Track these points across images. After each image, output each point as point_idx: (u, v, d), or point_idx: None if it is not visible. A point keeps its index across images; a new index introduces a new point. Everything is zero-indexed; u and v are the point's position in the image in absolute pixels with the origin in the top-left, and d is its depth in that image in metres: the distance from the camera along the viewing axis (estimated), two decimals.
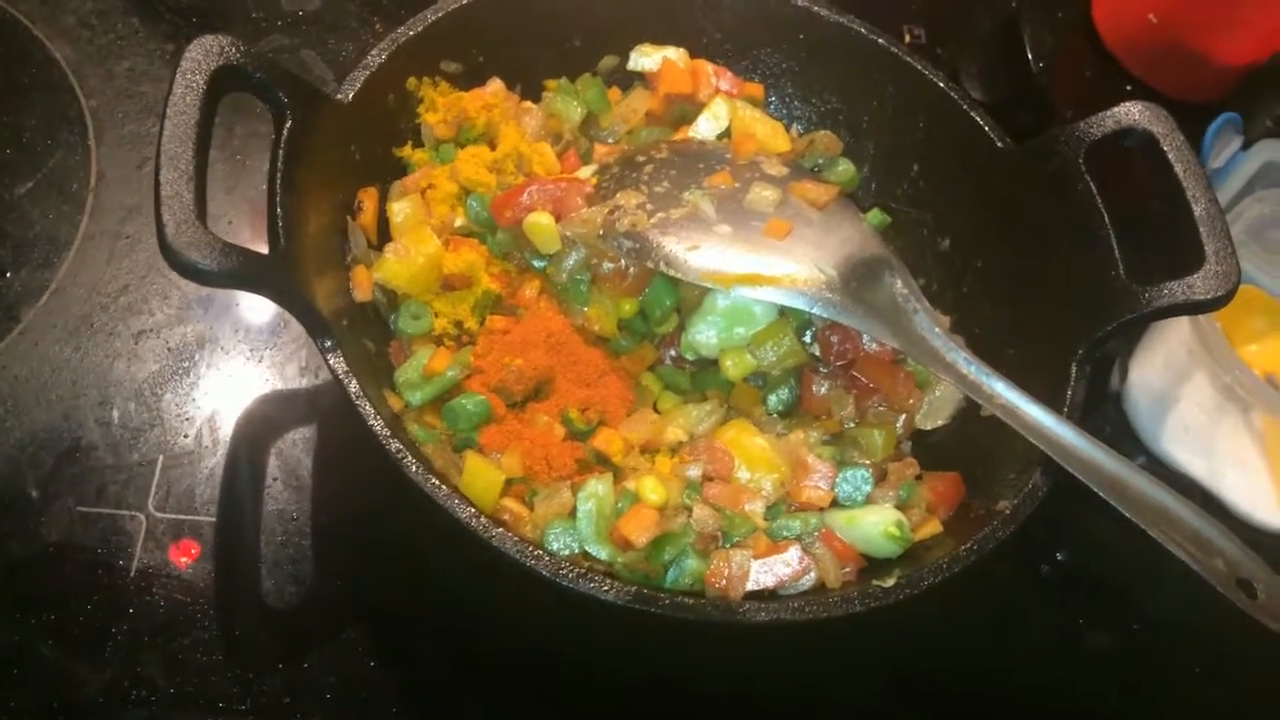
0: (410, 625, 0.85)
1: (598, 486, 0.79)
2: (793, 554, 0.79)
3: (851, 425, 0.90)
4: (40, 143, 1.04)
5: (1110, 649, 0.95)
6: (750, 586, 0.77)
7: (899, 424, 0.91)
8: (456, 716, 0.84)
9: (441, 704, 0.84)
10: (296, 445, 0.92)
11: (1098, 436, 1.02)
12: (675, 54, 1.03)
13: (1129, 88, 1.28)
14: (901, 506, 0.84)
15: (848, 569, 0.80)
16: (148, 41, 1.12)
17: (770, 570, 0.78)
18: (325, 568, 0.87)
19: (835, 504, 0.84)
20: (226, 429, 0.92)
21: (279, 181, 0.77)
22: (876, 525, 0.80)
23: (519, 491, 0.81)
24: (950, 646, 0.92)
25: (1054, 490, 0.81)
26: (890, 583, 0.75)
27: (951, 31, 1.29)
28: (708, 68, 1.03)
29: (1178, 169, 0.86)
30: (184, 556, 0.85)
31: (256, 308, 0.98)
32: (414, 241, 0.86)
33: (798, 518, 0.82)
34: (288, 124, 0.79)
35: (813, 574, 0.79)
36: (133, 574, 0.84)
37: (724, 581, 0.76)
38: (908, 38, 1.27)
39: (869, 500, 0.84)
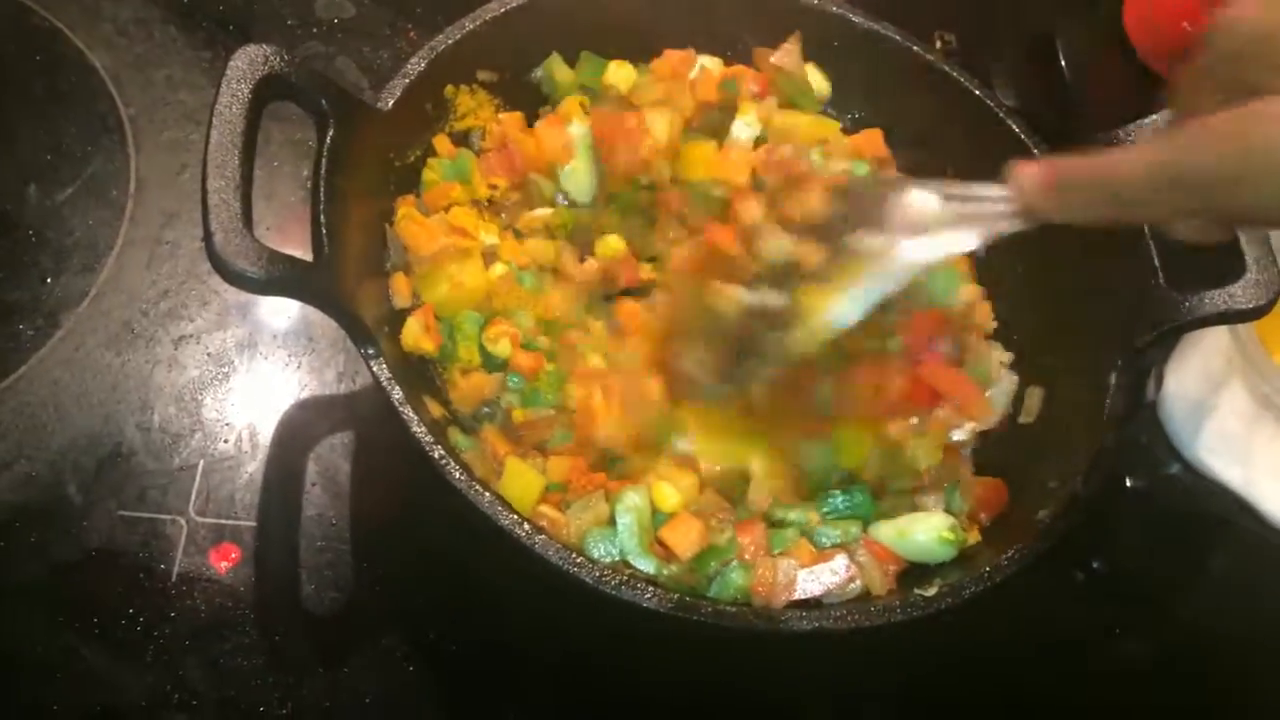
0: (450, 632, 0.85)
1: (635, 498, 0.79)
2: (839, 562, 0.79)
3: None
4: (80, 149, 1.05)
5: (1145, 658, 0.95)
6: (797, 595, 0.77)
7: (962, 431, 0.91)
8: None
9: (481, 711, 0.84)
10: (335, 450, 0.92)
11: (1133, 445, 1.04)
12: (711, 63, 1.04)
13: (1163, 95, 1.27)
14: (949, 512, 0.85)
15: (890, 571, 0.81)
16: (185, 49, 1.13)
17: (817, 579, 0.78)
18: (364, 573, 0.87)
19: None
20: (266, 434, 0.92)
21: (322, 189, 0.78)
22: (930, 532, 0.81)
23: (555, 499, 0.81)
24: (983, 653, 0.91)
25: (1093, 498, 0.81)
26: (932, 591, 0.75)
27: (984, 38, 1.29)
28: (744, 74, 1.03)
29: None
30: (224, 561, 0.86)
31: (294, 314, 0.98)
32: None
33: (839, 525, 0.82)
34: (330, 132, 0.80)
35: (858, 582, 0.80)
36: (174, 578, 0.85)
37: (770, 591, 0.77)
38: (939, 44, 1.26)
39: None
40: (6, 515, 0.85)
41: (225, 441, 0.91)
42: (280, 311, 0.99)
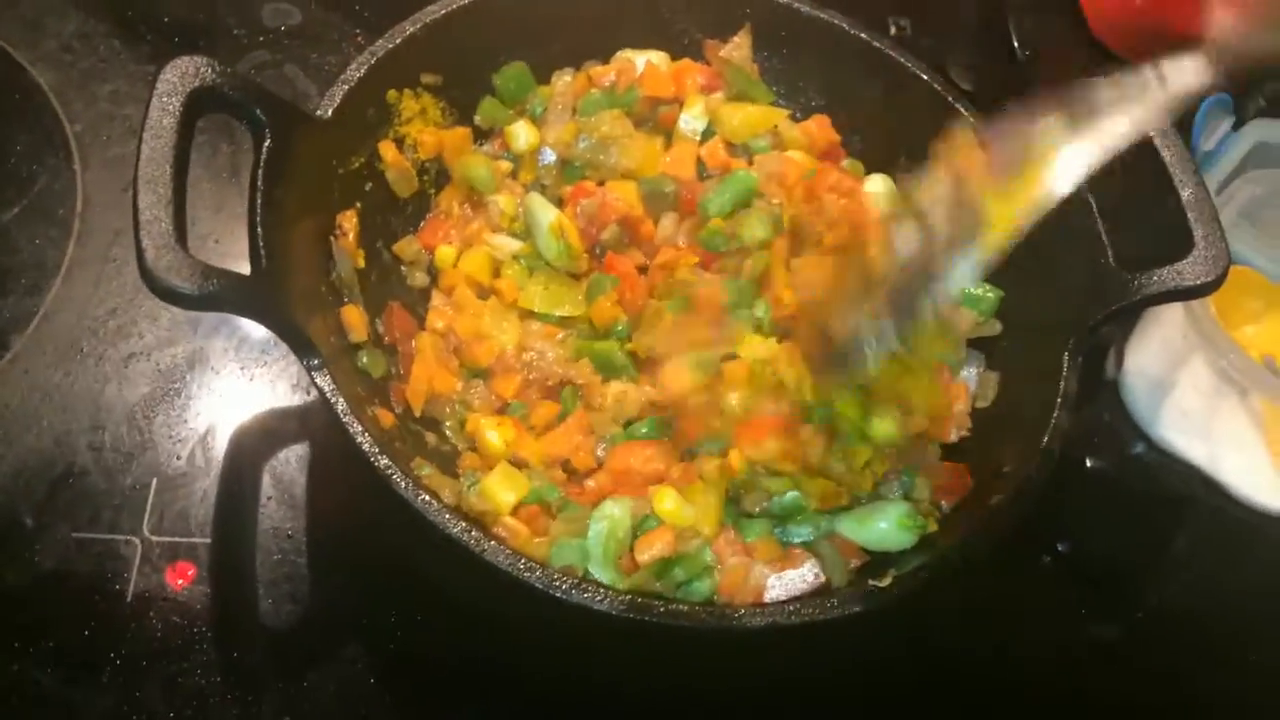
0: (410, 642, 0.85)
1: (613, 508, 0.79)
2: (809, 568, 0.79)
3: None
4: (25, 168, 1.03)
5: (1114, 639, 0.95)
6: (765, 600, 0.77)
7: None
8: None
9: (442, 719, 0.83)
10: (290, 463, 0.91)
11: (1095, 424, 1.04)
12: (657, 57, 1.03)
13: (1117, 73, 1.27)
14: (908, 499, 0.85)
15: (852, 566, 0.80)
16: (129, 64, 1.12)
17: (786, 584, 0.79)
18: (322, 585, 0.86)
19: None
20: (219, 449, 0.91)
21: (259, 201, 0.77)
22: (890, 519, 0.80)
23: (529, 514, 0.81)
24: (951, 640, 0.91)
25: (1053, 481, 0.81)
26: (886, 582, 0.75)
27: (937, 22, 1.28)
28: (692, 69, 1.03)
29: (1164, 155, 0.85)
30: (180, 579, 0.85)
31: (246, 327, 0.97)
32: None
33: (807, 522, 0.82)
34: (266, 142, 0.79)
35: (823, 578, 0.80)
36: (129, 598, 0.84)
37: (737, 594, 0.77)
38: (894, 30, 1.26)
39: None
40: None
41: (178, 458, 0.90)
42: (232, 325, 0.98)
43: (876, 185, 1.01)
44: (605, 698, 0.85)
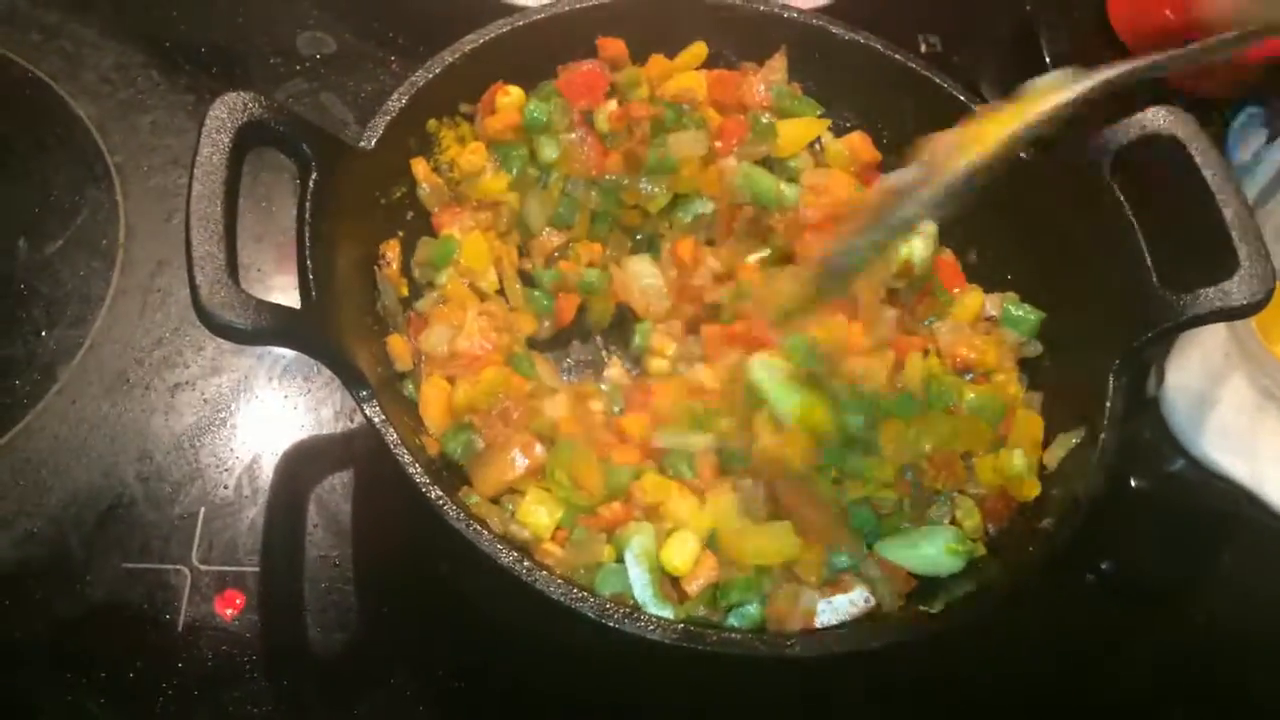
0: (458, 669, 0.85)
1: (643, 541, 0.78)
2: (859, 594, 0.78)
3: None
4: (68, 200, 1.05)
5: (1158, 658, 0.94)
6: (816, 625, 0.77)
7: None
8: None
9: None
10: (335, 491, 0.92)
11: (1137, 442, 1.03)
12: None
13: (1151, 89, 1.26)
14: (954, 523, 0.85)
15: (899, 593, 0.80)
16: (169, 94, 1.13)
17: (836, 610, 0.78)
18: (370, 613, 0.87)
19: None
20: (265, 477, 0.92)
21: (307, 235, 0.78)
22: (937, 544, 0.80)
23: (560, 537, 0.81)
24: (995, 658, 0.91)
25: (1098, 499, 0.81)
26: (937, 608, 0.75)
27: (967, 38, 1.28)
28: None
29: (1206, 173, 0.85)
30: (229, 608, 0.86)
31: (289, 355, 0.98)
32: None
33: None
34: (313, 176, 0.80)
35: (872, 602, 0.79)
36: (180, 628, 0.84)
37: (786, 620, 0.76)
38: (924, 47, 1.26)
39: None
40: (9, 572, 0.86)
41: (225, 487, 0.91)
42: (275, 354, 0.99)
43: None
44: (652, 717, 0.85)
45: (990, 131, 0.75)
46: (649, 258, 1.00)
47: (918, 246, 0.96)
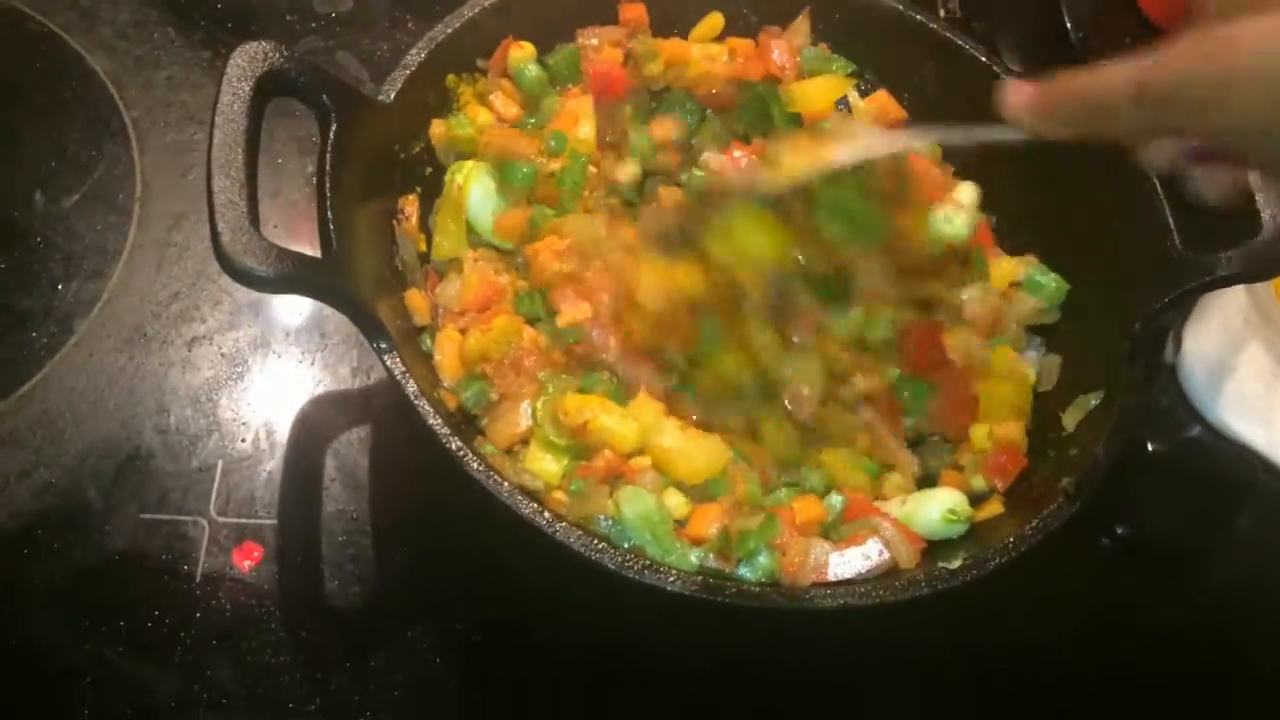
0: (475, 621, 0.86)
1: (635, 507, 0.78)
2: (872, 546, 0.78)
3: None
4: (84, 155, 1.05)
5: (1174, 622, 0.94)
6: (829, 578, 0.77)
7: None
8: (524, 710, 0.84)
9: (510, 699, 0.84)
10: (352, 445, 0.92)
11: (1154, 407, 1.03)
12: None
13: None
14: (957, 476, 0.85)
15: (916, 550, 0.80)
16: (184, 50, 1.13)
17: (848, 563, 0.78)
18: (387, 566, 0.87)
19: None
20: (283, 432, 0.92)
21: (328, 185, 0.78)
22: (935, 509, 0.80)
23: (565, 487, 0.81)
24: (1008, 622, 0.91)
25: (1117, 460, 0.80)
26: (956, 564, 0.74)
27: (986, 3, 1.27)
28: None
29: None
30: (247, 560, 0.86)
31: (306, 311, 0.98)
32: None
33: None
34: (333, 127, 0.79)
35: (886, 555, 0.79)
36: (198, 579, 0.85)
37: (799, 572, 0.76)
38: (943, 12, 1.25)
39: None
40: (28, 522, 0.86)
41: (243, 441, 0.91)
42: (292, 309, 0.99)
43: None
44: (670, 673, 0.86)
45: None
46: None
47: (959, 222, 0.94)
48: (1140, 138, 0.65)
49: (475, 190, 0.90)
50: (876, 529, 0.80)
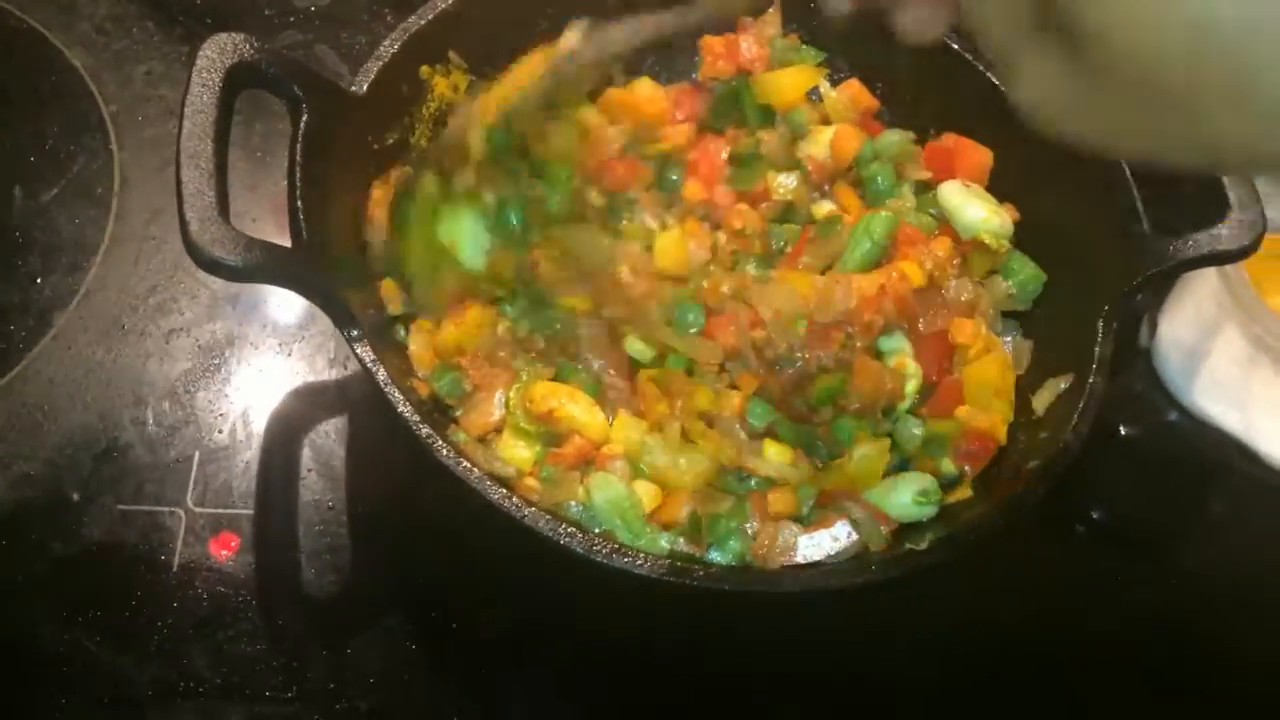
0: (451, 609, 0.86)
1: (605, 495, 0.79)
2: (840, 528, 0.79)
3: None
4: (63, 149, 1.05)
5: (1151, 606, 0.95)
6: (798, 560, 0.78)
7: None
8: (501, 695, 0.85)
9: (486, 686, 0.84)
10: (329, 436, 0.93)
11: (1129, 393, 1.04)
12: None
13: None
14: (929, 462, 0.85)
15: (886, 532, 0.81)
16: (163, 45, 1.13)
17: (817, 545, 0.78)
18: (363, 555, 0.88)
19: None
20: (259, 423, 0.93)
21: (298, 175, 0.78)
22: (905, 492, 0.81)
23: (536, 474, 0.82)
24: (985, 609, 0.91)
25: (1087, 449, 0.81)
26: (924, 545, 0.75)
27: None
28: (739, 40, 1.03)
29: None
30: (224, 550, 0.86)
31: (284, 303, 0.99)
32: None
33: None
34: (304, 118, 0.80)
35: (855, 538, 0.80)
36: (175, 569, 0.85)
37: (769, 554, 0.77)
38: None
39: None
40: (5, 514, 0.86)
41: (220, 432, 0.92)
42: (270, 301, 0.99)
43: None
44: (641, 658, 0.86)
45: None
46: None
47: (995, 222, 0.93)
48: None
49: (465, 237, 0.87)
50: (847, 512, 0.80)
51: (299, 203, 0.77)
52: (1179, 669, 0.93)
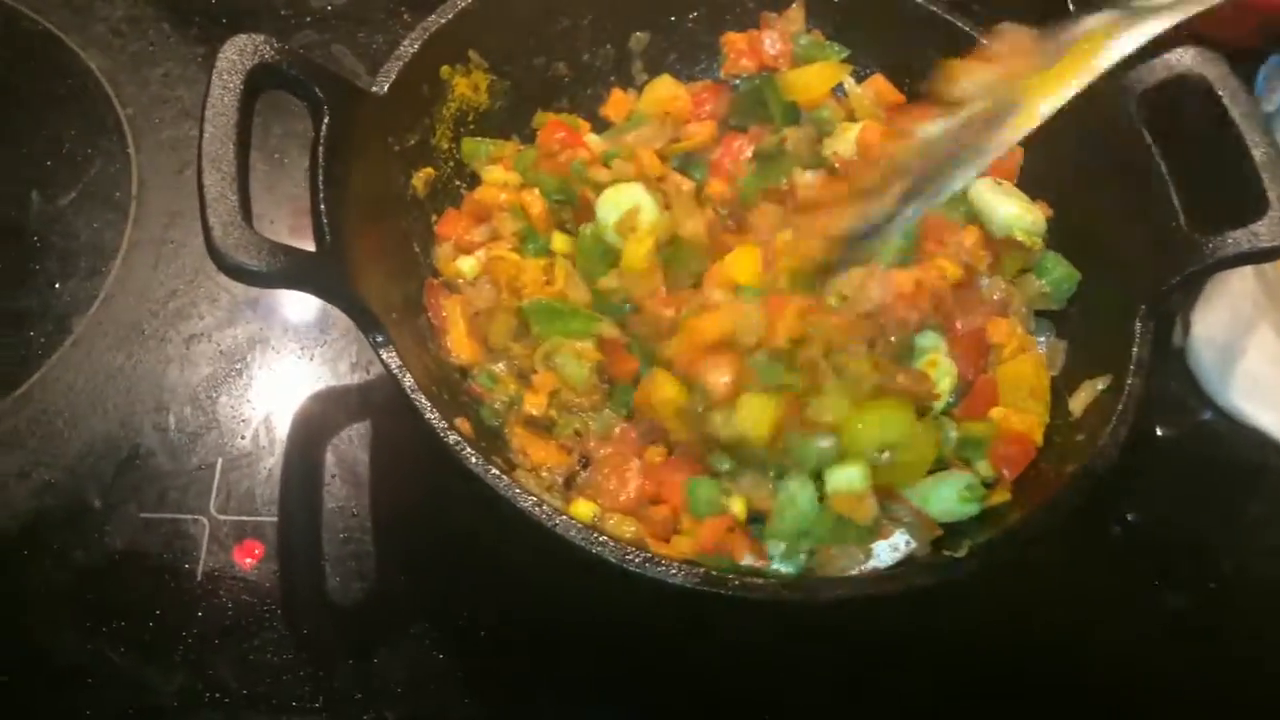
0: (477, 616, 0.85)
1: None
2: (899, 538, 0.78)
3: None
4: (80, 152, 1.04)
5: (1188, 609, 0.93)
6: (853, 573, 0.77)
7: None
8: (528, 704, 0.84)
9: (511, 693, 0.84)
10: (352, 441, 0.92)
11: (1163, 392, 1.02)
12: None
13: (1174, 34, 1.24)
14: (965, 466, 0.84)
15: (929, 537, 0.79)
16: (179, 46, 1.12)
17: (876, 557, 0.77)
18: (388, 562, 0.87)
19: None
20: (282, 429, 0.92)
21: (321, 178, 0.77)
22: (950, 491, 0.79)
23: None
24: (1020, 612, 0.90)
25: (1124, 446, 0.79)
26: (963, 552, 0.74)
27: None
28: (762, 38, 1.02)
29: (1234, 114, 0.83)
30: (248, 557, 0.85)
31: (304, 306, 0.98)
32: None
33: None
34: (325, 120, 0.78)
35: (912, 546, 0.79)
36: (199, 577, 0.84)
37: (827, 569, 0.76)
38: None
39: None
40: (28, 523, 0.86)
41: (242, 438, 0.91)
42: (291, 305, 0.98)
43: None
44: (674, 665, 0.85)
45: (1042, 85, 0.68)
46: None
47: (1028, 219, 0.92)
48: None
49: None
50: (896, 514, 0.79)
51: (322, 206, 0.76)
52: (1216, 672, 0.91)
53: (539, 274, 0.90)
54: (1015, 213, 0.91)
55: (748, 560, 0.77)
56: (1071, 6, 1.24)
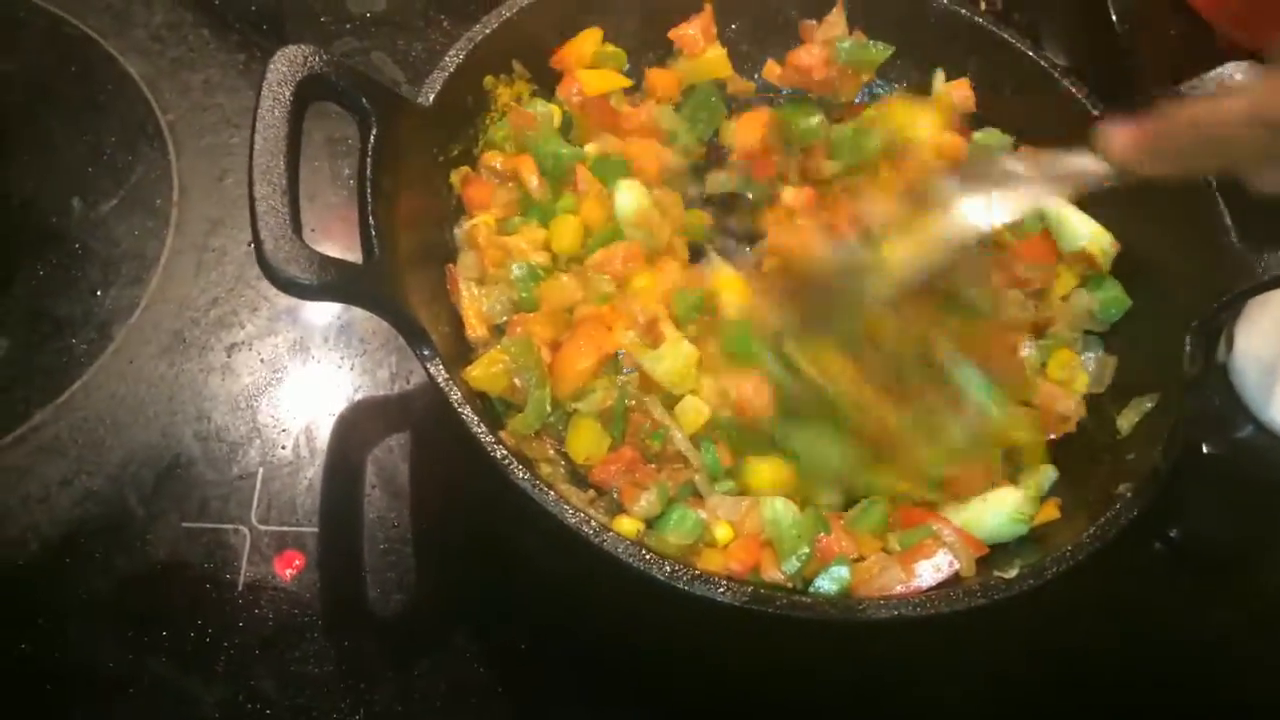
0: (518, 628, 0.85)
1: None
2: (942, 558, 0.77)
3: None
4: (121, 159, 1.04)
5: (1230, 627, 0.92)
6: (897, 591, 0.76)
7: None
8: (569, 718, 0.83)
9: (552, 707, 0.83)
10: (393, 451, 0.91)
11: (1206, 408, 1.01)
12: None
13: (1217, 45, 1.23)
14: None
15: (973, 559, 0.79)
16: (219, 53, 1.12)
17: (919, 577, 0.76)
18: (429, 574, 0.86)
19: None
20: (323, 438, 0.91)
21: (369, 190, 0.77)
22: (1000, 511, 0.79)
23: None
24: (1062, 630, 0.89)
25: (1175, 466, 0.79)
26: (1013, 573, 0.73)
27: None
28: None
29: None
30: (289, 568, 0.85)
31: (344, 316, 0.98)
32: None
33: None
34: (373, 130, 0.78)
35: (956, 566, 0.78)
36: (240, 588, 0.84)
37: (872, 588, 0.75)
38: (984, 4, 1.23)
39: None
40: (70, 531, 0.85)
41: (283, 448, 0.91)
42: (330, 314, 0.98)
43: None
44: (719, 682, 0.84)
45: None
46: None
47: (1106, 239, 0.92)
48: (1252, 166, 0.64)
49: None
50: (938, 535, 0.78)
51: (370, 219, 0.76)
52: (1260, 690, 0.90)
53: (537, 239, 0.91)
54: (1094, 228, 0.92)
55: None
56: (1115, 18, 1.23)
